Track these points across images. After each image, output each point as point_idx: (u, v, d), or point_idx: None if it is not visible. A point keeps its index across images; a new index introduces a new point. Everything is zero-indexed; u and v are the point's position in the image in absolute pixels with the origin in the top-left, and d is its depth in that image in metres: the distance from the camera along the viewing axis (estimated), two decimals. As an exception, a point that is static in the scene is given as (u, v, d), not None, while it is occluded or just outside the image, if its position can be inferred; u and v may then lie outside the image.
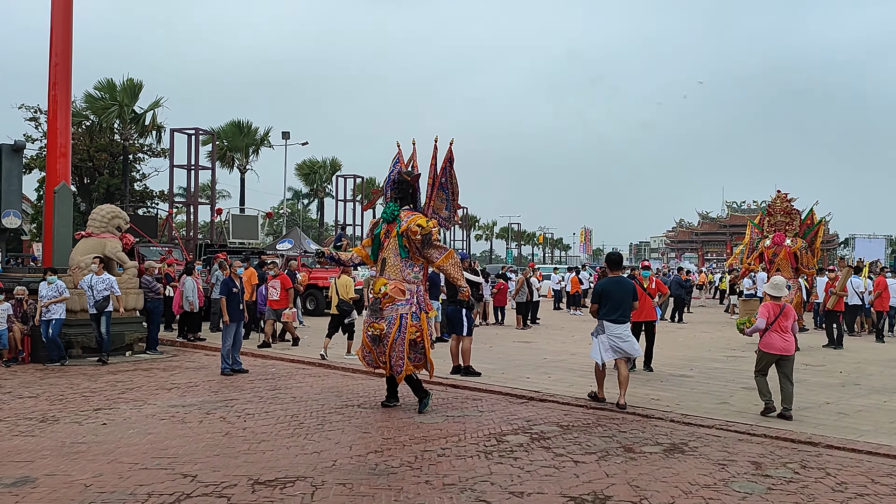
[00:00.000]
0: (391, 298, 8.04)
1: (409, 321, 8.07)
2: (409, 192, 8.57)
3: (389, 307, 8.06)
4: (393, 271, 8.23)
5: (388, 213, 8.38)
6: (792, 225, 16.10)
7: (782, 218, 16.14)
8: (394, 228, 8.27)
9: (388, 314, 8.06)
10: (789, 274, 15.79)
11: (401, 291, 8.11)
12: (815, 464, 6.33)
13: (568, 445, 6.75)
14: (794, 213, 16.23)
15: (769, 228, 16.32)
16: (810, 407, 8.76)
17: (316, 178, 47.22)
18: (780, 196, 16.50)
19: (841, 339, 15.71)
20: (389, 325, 8.03)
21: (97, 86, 30.63)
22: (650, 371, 11.28)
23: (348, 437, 6.87)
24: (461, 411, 8.31)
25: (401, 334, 8.03)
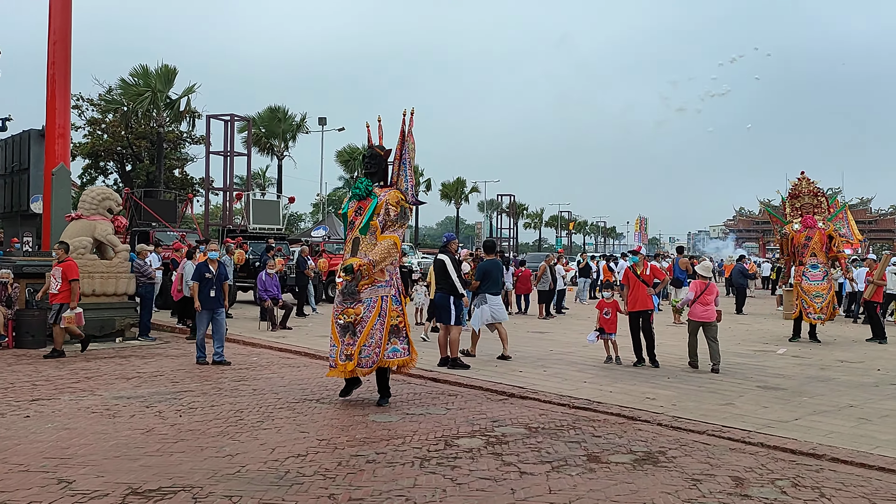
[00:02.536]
0: (371, 279, 7.32)
1: (389, 304, 7.39)
2: (382, 167, 7.88)
3: (369, 289, 7.34)
4: (370, 251, 7.46)
5: (362, 189, 7.66)
6: (821, 207, 14.60)
7: (809, 200, 14.64)
8: (367, 205, 7.55)
9: (367, 296, 7.34)
10: (825, 258, 14.34)
11: (381, 272, 7.39)
12: (810, 481, 5.33)
13: (524, 452, 5.91)
14: (820, 195, 14.73)
15: (794, 213, 14.84)
16: (828, 411, 7.67)
17: (356, 164, 46.85)
18: (803, 178, 15.00)
19: (883, 331, 14.40)
20: (368, 308, 7.31)
21: (132, 72, 30.83)
22: (655, 366, 10.26)
23: (279, 437, 6.19)
24: (425, 409, 7.54)
25: (381, 319, 7.32)
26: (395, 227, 7.53)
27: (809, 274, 14.19)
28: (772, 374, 10.04)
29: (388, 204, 7.45)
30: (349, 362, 7.33)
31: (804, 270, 14.25)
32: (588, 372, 9.87)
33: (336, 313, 7.50)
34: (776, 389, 8.83)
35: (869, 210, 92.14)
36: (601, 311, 10.68)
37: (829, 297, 13.99)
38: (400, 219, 7.54)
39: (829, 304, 13.98)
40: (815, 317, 13.92)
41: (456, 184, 63.31)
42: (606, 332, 10.57)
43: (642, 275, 10.38)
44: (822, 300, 13.90)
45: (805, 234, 14.26)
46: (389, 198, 7.51)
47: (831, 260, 14.60)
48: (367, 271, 7.29)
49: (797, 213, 14.67)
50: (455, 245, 10.49)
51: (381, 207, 7.47)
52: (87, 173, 36.99)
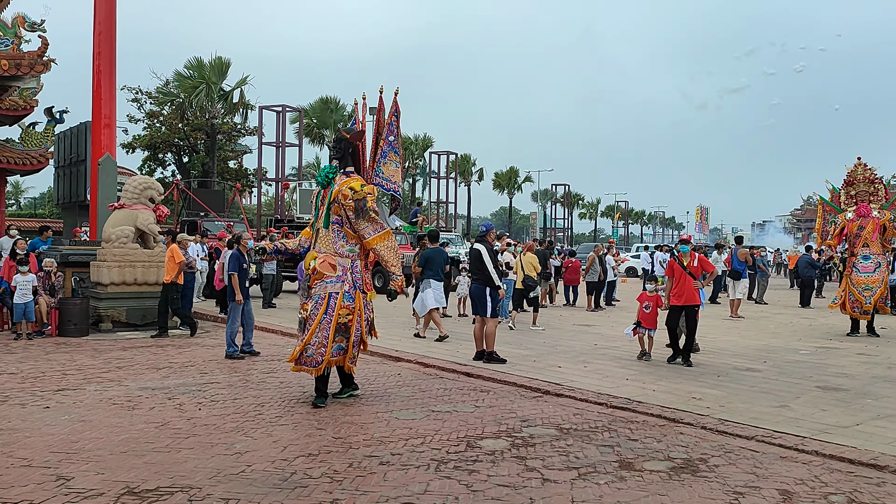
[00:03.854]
0: (319, 275, 6.90)
1: (338, 301, 6.90)
2: (350, 151, 7.33)
3: (318, 284, 6.93)
4: (324, 243, 7.08)
5: (323, 176, 7.17)
6: (877, 195, 13.52)
7: (865, 187, 13.57)
8: (327, 194, 7.10)
9: (315, 292, 6.92)
10: (878, 249, 13.33)
11: (331, 267, 6.95)
12: (868, 497, 4.75)
13: (550, 456, 5.49)
14: (877, 182, 13.63)
15: (848, 200, 13.79)
16: (895, 415, 6.96)
17: (407, 154, 46.71)
18: (860, 164, 13.91)
19: None
20: (316, 305, 6.87)
21: (186, 64, 31.40)
22: (689, 365, 9.53)
23: (294, 434, 5.94)
24: (453, 406, 7.18)
25: (327, 316, 6.86)
26: (368, 223, 6.99)
27: (860, 265, 13.26)
28: (833, 373, 9.30)
29: (340, 195, 6.92)
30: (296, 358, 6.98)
31: (855, 262, 13.33)
32: (632, 368, 9.34)
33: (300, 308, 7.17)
34: (837, 390, 8.14)
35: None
36: (641, 304, 10.08)
37: (881, 291, 13.04)
38: (361, 215, 6.95)
39: (879, 297, 13.05)
40: (861, 311, 13.02)
41: (509, 173, 62.56)
42: (644, 326, 9.97)
43: (689, 266, 9.62)
44: (872, 293, 12.97)
45: (858, 223, 13.29)
46: (342, 186, 6.95)
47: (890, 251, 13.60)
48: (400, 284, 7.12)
49: (852, 201, 13.68)
50: (493, 235, 10.06)
51: (334, 196, 6.96)
52: (146, 165, 37.95)
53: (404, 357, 9.97)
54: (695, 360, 9.99)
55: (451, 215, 48.94)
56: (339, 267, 6.98)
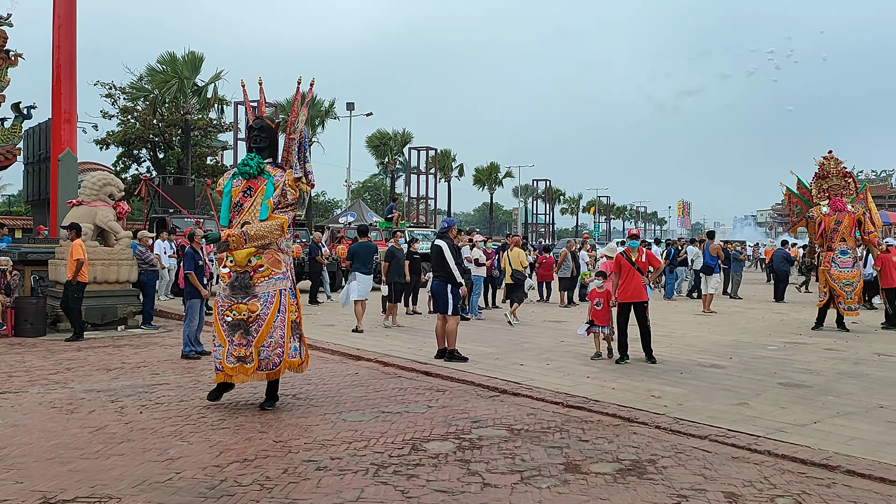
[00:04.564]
0: (267, 271, 6.64)
1: (287, 298, 6.69)
2: (274, 140, 7.05)
3: (265, 282, 6.63)
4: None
5: (253, 167, 6.81)
6: (849, 189, 13.50)
7: (838, 181, 13.54)
8: (260, 185, 6.80)
9: (262, 291, 6.62)
10: (853, 243, 13.32)
11: (278, 263, 6.71)
12: (816, 499, 4.63)
13: (496, 459, 5.33)
14: (849, 176, 13.61)
15: (821, 194, 13.75)
16: (855, 413, 6.88)
17: (386, 150, 46.42)
18: (830, 157, 13.86)
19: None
20: (266, 304, 6.59)
21: (159, 59, 30.85)
22: (652, 362, 9.37)
23: (233, 439, 5.74)
24: (405, 406, 7.01)
25: (281, 315, 6.63)
26: (287, 210, 6.81)
27: (839, 261, 13.23)
28: (798, 369, 9.23)
29: (287, 186, 6.70)
30: (243, 365, 6.52)
31: (833, 257, 13.30)
32: (594, 366, 9.21)
33: (222, 309, 6.61)
34: (800, 387, 8.05)
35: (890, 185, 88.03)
36: (592, 301, 9.84)
37: (860, 286, 13.06)
38: (299, 204, 6.83)
39: (859, 291, 13.07)
40: (846, 308, 13.01)
41: (489, 169, 62.40)
42: (597, 324, 9.73)
43: (637, 262, 9.42)
44: (853, 288, 12.97)
45: (835, 217, 13.26)
46: (289, 179, 6.74)
47: (863, 245, 13.59)
48: (236, 242, 6.47)
49: (824, 195, 13.63)
50: (455, 231, 9.89)
51: (278, 188, 6.70)
52: (120, 161, 37.35)
53: (364, 356, 9.79)
54: (659, 357, 9.89)
55: (432, 211, 48.78)
56: (283, 263, 6.78)
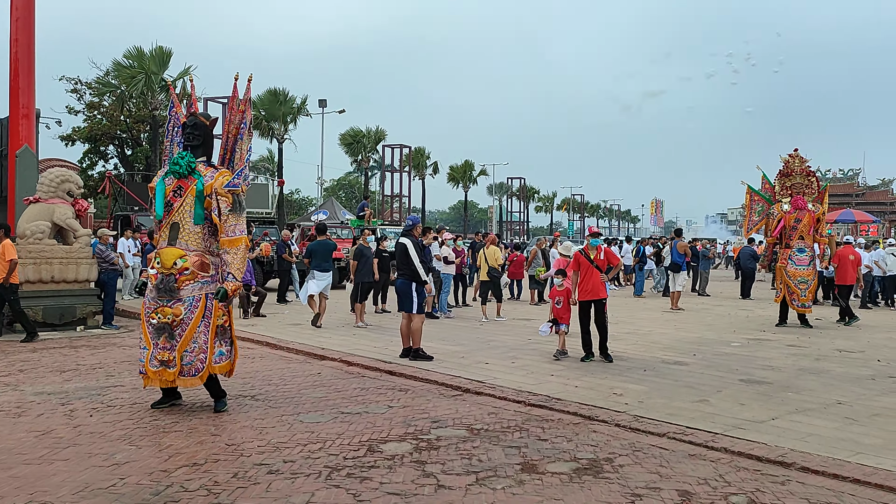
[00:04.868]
0: (193, 274, 6.41)
1: (216, 303, 6.49)
2: (208, 139, 6.82)
3: (190, 285, 6.41)
4: (192, 240, 6.56)
5: (183, 165, 6.59)
6: (811, 188, 13.68)
7: (801, 180, 13.70)
8: (190, 185, 6.56)
9: (187, 294, 6.40)
10: (811, 241, 13.52)
11: (205, 266, 6.50)
12: (770, 497, 4.63)
13: (452, 460, 5.26)
14: (812, 175, 13.78)
15: (783, 192, 13.91)
16: (813, 409, 6.94)
17: (360, 147, 46.14)
18: (796, 155, 14.01)
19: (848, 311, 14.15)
20: (190, 308, 6.37)
21: (126, 54, 30.35)
22: (609, 360, 9.26)
23: (184, 442, 5.60)
24: (365, 406, 6.91)
25: (206, 320, 6.40)
26: (237, 221, 6.57)
27: (796, 258, 13.43)
28: (760, 365, 9.30)
29: (218, 193, 6.46)
30: (166, 369, 6.35)
31: (790, 254, 13.48)
32: (560, 364, 9.19)
33: (148, 311, 6.45)
34: (760, 384, 8.11)
35: (890, 191, 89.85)
36: (553, 300, 9.77)
37: (815, 284, 13.26)
38: (236, 210, 6.57)
39: (814, 289, 13.27)
40: (800, 305, 13.20)
41: (464, 167, 62.41)
42: (560, 322, 9.62)
43: (596, 259, 9.36)
44: (808, 286, 13.17)
45: (795, 215, 13.42)
46: (218, 182, 6.51)
47: (818, 245, 13.81)
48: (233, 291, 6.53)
49: (787, 193, 13.78)
50: (419, 229, 9.80)
51: (209, 190, 6.48)
52: (87, 157, 36.68)
53: (329, 355, 9.67)
54: (625, 355, 9.92)
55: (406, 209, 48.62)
56: (211, 266, 6.55)
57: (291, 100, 37.52)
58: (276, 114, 36.88)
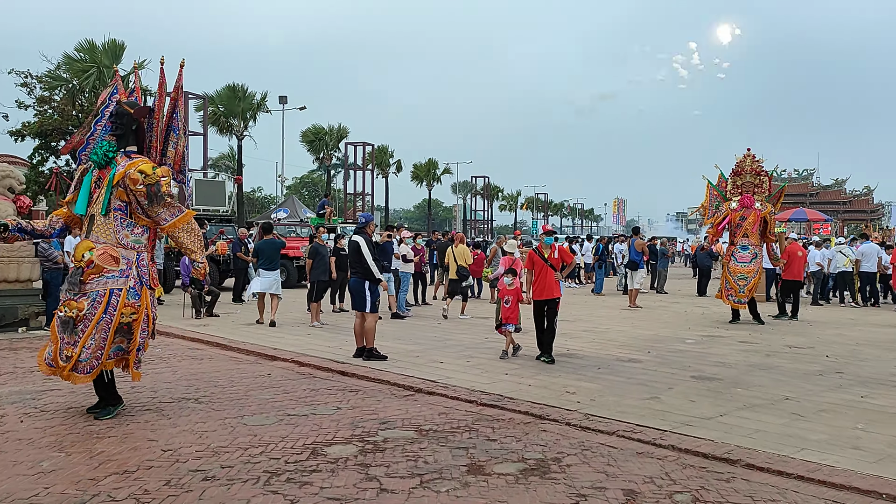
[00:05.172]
0: (98, 268, 6.12)
1: (122, 299, 6.15)
2: (133, 128, 6.55)
3: (95, 280, 6.13)
4: (102, 232, 6.30)
5: (100, 155, 6.36)
6: (761, 187, 13.92)
7: (751, 179, 13.94)
8: (106, 175, 6.32)
9: (92, 289, 6.12)
10: (757, 240, 13.76)
11: (112, 259, 6.19)
12: (714, 495, 4.60)
13: (398, 462, 5.14)
14: (763, 174, 14.02)
15: (735, 190, 14.13)
16: (761, 405, 6.98)
17: (322, 145, 45.63)
18: (748, 155, 14.26)
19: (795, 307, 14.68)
20: (94, 303, 6.07)
21: (77, 47, 29.41)
22: (550, 362, 9.02)
23: (118, 448, 5.36)
24: (313, 408, 6.74)
25: (107, 316, 6.07)
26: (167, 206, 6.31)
27: (738, 255, 13.70)
28: (712, 362, 9.37)
29: (129, 178, 6.16)
30: (69, 364, 6.04)
31: (734, 251, 13.74)
32: (515, 362, 9.13)
33: (60, 305, 6.25)
34: (711, 380, 8.15)
35: (843, 191, 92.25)
36: (502, 299, 9.63)
37: (755, 281, 13.46)
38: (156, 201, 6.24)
39: (753, 287, 13.47)
40: (736, 300, 13.42)
41: (427, 165, 62.21)
42: (506, 322, 9.44)
43: (550, 258, 9.25)
44: (746, 283, 13.39)
45: (741, 213, 13.65)
46: (130, 169, 6.20)
47: (767, 243, 14.05)
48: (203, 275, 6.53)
49: (738, 191, 14.00)
50: (372, 227, 9.65)
51: (117, 179, 6.22)
52: (37, 153, 35.51)
53: (280, 356, 9.46)
54: (580, 352, 9.91)
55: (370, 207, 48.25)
56: (122, 260, 6.25)
57: (251, 96, 36.81)
58: (235, 110, 36.16)
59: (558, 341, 10.10)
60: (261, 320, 12.56)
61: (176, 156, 6.72)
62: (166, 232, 6.48)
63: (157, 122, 6.73)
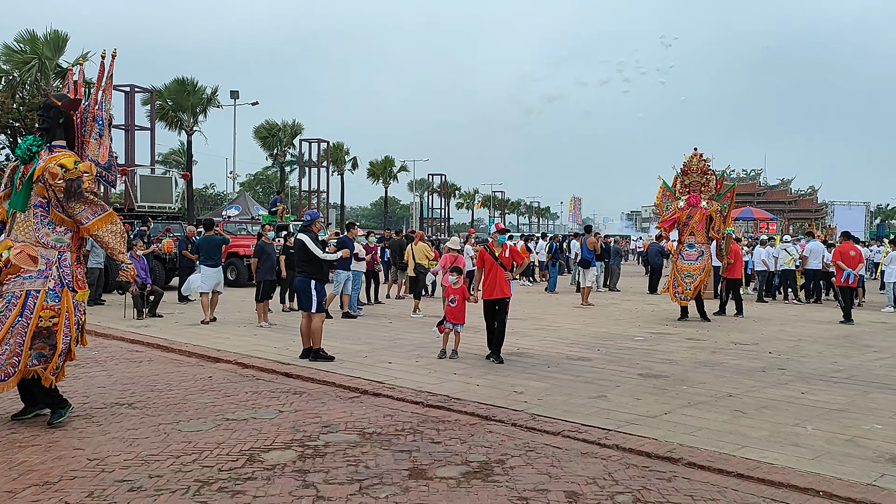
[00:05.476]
0: (15, 268, 5.81)
1: (39, 301, 5.84)
2: (60, 122, 6.22)
3: (11, 280, 5.82)
4: (21, 230, 5.99)
5: (24, 150, 6.07)
6: (707, 186, 14.18)
7: (698, 178, 14.20)
8: (28, 171, 6.02)
9: (7, 290, 5.81)
10: (703, 238, 14.02)
11: (30, 259, 5.88)
12: (655, 495, 4.58)
13: (338, 468, 4.99)
14: (710, 174, 14.29)
15: (683, 189, 14.38)
16: (705, 402, 7.03)
17: (275, 141, 44.90)
18: (695, 154, 14.50)
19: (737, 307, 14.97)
20: (8, 305, 5.76)
21: (17, 37, 28.30)
22: (499, 361, 8.90)
23: (41, 458, 5.09)
24: (253, 412, 6.54)
25: (23, 319, 5.75)
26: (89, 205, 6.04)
27: (685, 253, 13.95)
28: (660, 359, 9.45)
29: (48, 173, 5.88)
30: None
31: (681, 249, 13.99)
32: (464, 361, 9.04)
33: None
34: (658, 377, 8.20)
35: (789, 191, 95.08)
36: (447, 298, 9.43)
37: (701, 278, 13.69)
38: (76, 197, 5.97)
39: (700, 284, 13.70)
40: (682, 297, 13.64)
41: (384, 162, 61.87)
42: (450, 321, 9.24)
43: (501, 257, 9.13)
44: (693, 280, 13.62)
45: (687, 212, 13.89)
46: (49, 163, 5.92)
47: (712, 241, 14.29)
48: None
49: (686, 190, 14.22)
50: (319, 224, 9.43)
51: (38, 174, 5.94)
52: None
53: (224, 357, 9.19)
54: (531, 351, 9.89)
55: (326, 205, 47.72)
56: (41, 259, 5.93)
57: (201, 90, 35.95)
58: (185, 104, 35.29)
59: (510, 340, 10.08)
60: (206, 320, 12.33)
61: (101, 149, 6.42)
62: (88, 232, 6.14)
63: (92, 117, 6.42)
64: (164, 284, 17.95)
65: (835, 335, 12.05)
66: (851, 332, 12.54)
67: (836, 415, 6.56)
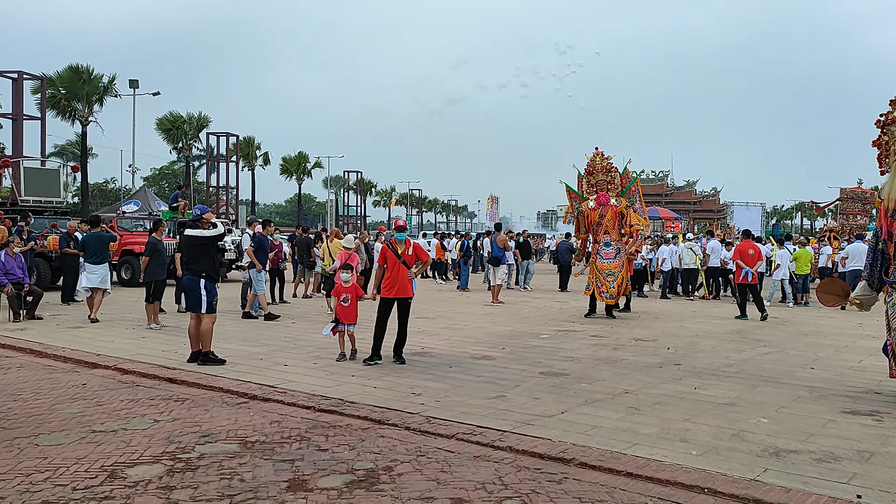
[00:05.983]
0: None
1: None
2: None
3: None
4: None
5: None
6: (614, 183, 14.48)
7: (603, 176, 14.47)
8: None
9: None
10: (617, 236, 14.30)
11: None
12: (544, 498, 4.44)
13: (209, 482, 4.61)
14: (613, 171, 14.59)
15: (590, 189, 14.62)
16: (602, 399, 7.02)
17: (180, 134, 43.07)
18: (597, 153, 14.78)
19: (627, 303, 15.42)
20: None
21: None
22: (401, 363, 8.67)
23: None
24: (125, 422, 6.03)
25: None
26: None
27: (603, 252, 14.13)
28: (562, 357, 9.45)
29: None
30: None
31: (598, 249, 14.17)
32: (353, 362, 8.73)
33: None
34: (558, 376, 8.17)
35: (694, 192, 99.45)
36: (339, 297, 9.06)
37: (622, 275, 13.94)
38: None
39: (622, 281, 13.95)
40: (607, 296, 13.85)
41: (298, 158, 60.56)
42: (343, 322, 8.91)
43: (403, 255, 8.83)
44: (615, 278, 13.84)
45: (599, 211, 14.07)
46: None
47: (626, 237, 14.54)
48: None
49: (593, 190, 14.43)
50: (208, 219, 8.90)
51: None
52: None
53: (102, 363, 8.54)
54: (434, 351, 9.70)
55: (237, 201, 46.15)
56: None
57: (97, 78, 34.09)
58: (79, 93, 33.34)
59: (414, 339, 9.86)
60: (92, 316, 11.91)
61: None
62: None
63: None
64: (50, 284, 16.78)
65: (729, 330, 12.46)
66: (745, 326, 13.02)
67: (725, 409, 6.67)
